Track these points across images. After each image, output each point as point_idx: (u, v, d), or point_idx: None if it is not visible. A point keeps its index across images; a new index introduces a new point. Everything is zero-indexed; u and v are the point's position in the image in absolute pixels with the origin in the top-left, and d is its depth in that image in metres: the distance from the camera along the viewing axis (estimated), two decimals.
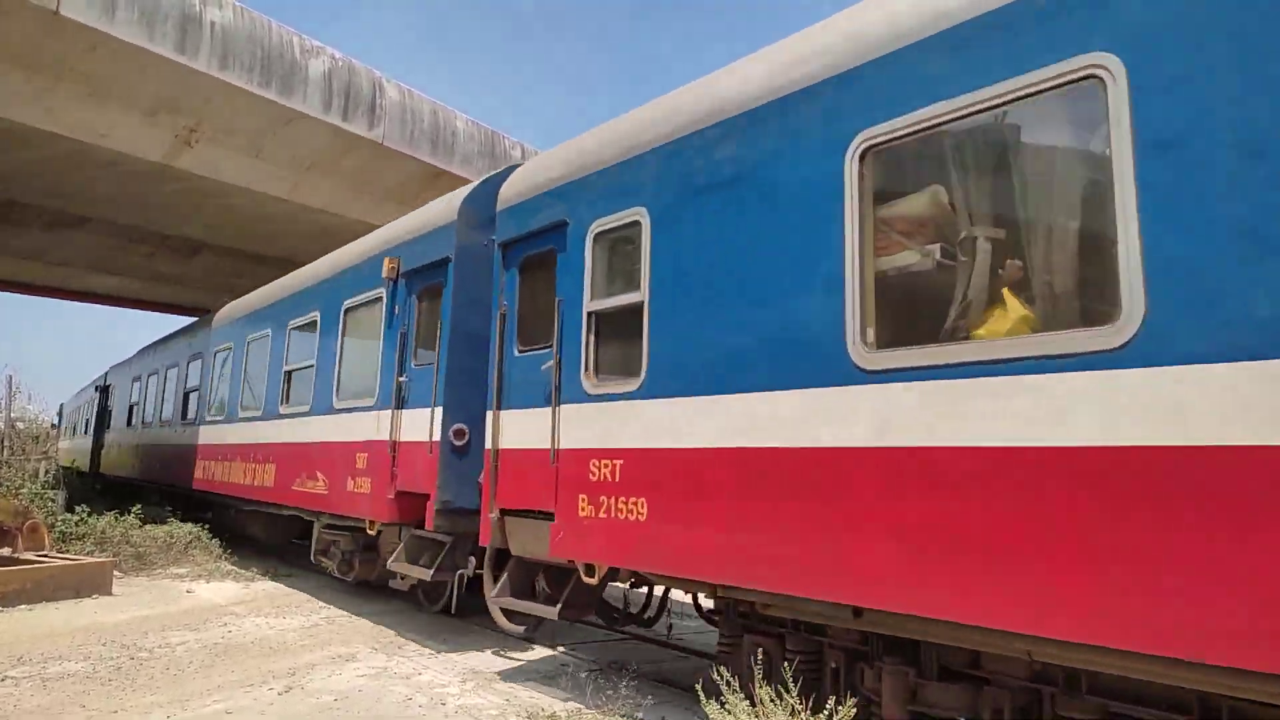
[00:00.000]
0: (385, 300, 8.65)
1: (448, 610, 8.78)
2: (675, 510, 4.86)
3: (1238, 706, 3.20)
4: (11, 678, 6.12)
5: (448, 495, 7.43)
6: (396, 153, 14.90)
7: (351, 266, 9.72)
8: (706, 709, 4.28)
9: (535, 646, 7.67)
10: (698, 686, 4.62)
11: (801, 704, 4.09)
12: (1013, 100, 3.54)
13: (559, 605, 6.09)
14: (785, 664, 4.54)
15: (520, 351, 6.57)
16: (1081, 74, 3.31)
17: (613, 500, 5.29)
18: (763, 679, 4.28)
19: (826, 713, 3.87)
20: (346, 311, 9.57)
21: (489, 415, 6.71)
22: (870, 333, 3.96)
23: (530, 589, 6.57)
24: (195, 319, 18.25)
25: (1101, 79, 3.24)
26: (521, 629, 6.73)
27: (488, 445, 6.68)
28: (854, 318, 3.99)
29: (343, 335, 9.59)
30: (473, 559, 7.36)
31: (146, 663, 6.67)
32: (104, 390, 24.21)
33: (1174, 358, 2.95)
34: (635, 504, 5.12)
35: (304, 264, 12.39)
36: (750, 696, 4.30)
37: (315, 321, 10.35)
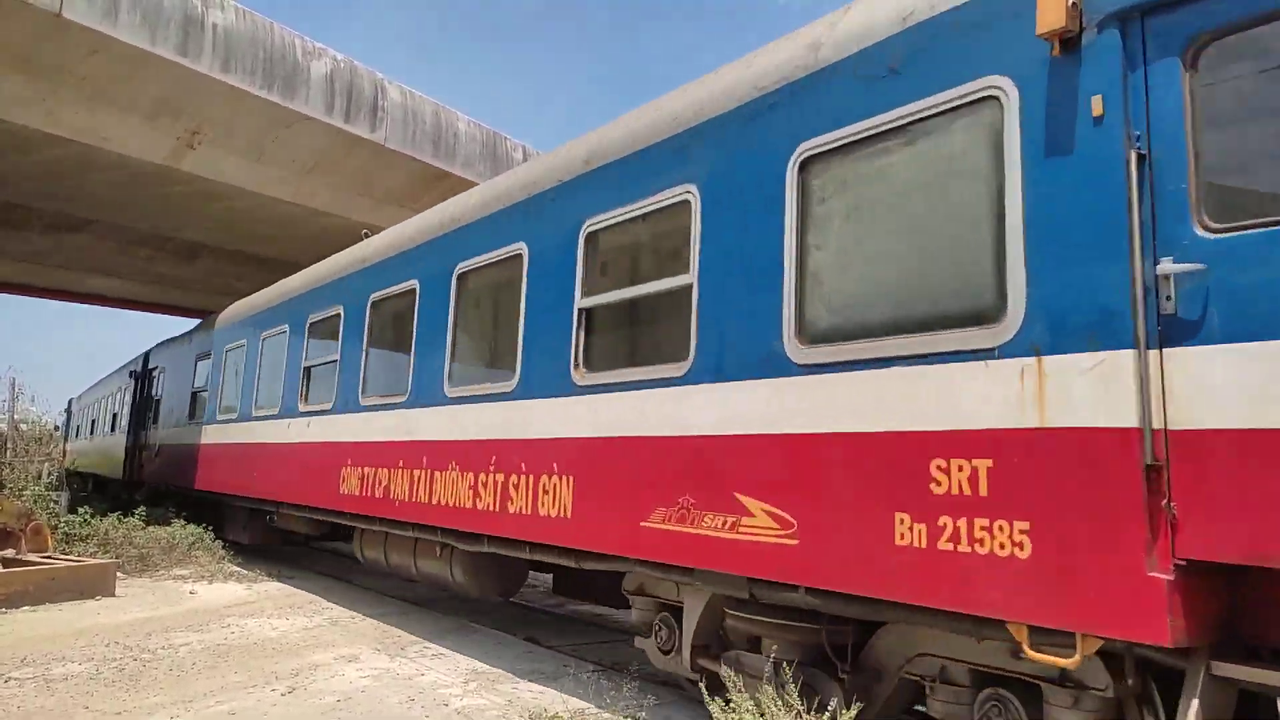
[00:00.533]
0: None
1: None
2: None
3: None
4: (15, 679, 6.13)
5: None
6: (398, 154, 14.92)
7: None
8: (711, 708, 4.29)
9: (538, 647, 7.67)
10: (701, 685, 4.62)
11: (805, 704, 4.09)
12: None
13: None
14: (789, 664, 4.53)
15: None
16: None
17: None
18: (768, 679, 4.28)
19: (829, 713, 3.88)
20: None
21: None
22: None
23: None
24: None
25: None
26: None
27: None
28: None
29: None
30: None
31: (150, 664, 6.67)
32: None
33: None
34: None
35: (306, 266, 12.34)
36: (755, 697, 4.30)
37: None
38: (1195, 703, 2.96)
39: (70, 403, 34.11)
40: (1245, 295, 2.87)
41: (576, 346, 5.76)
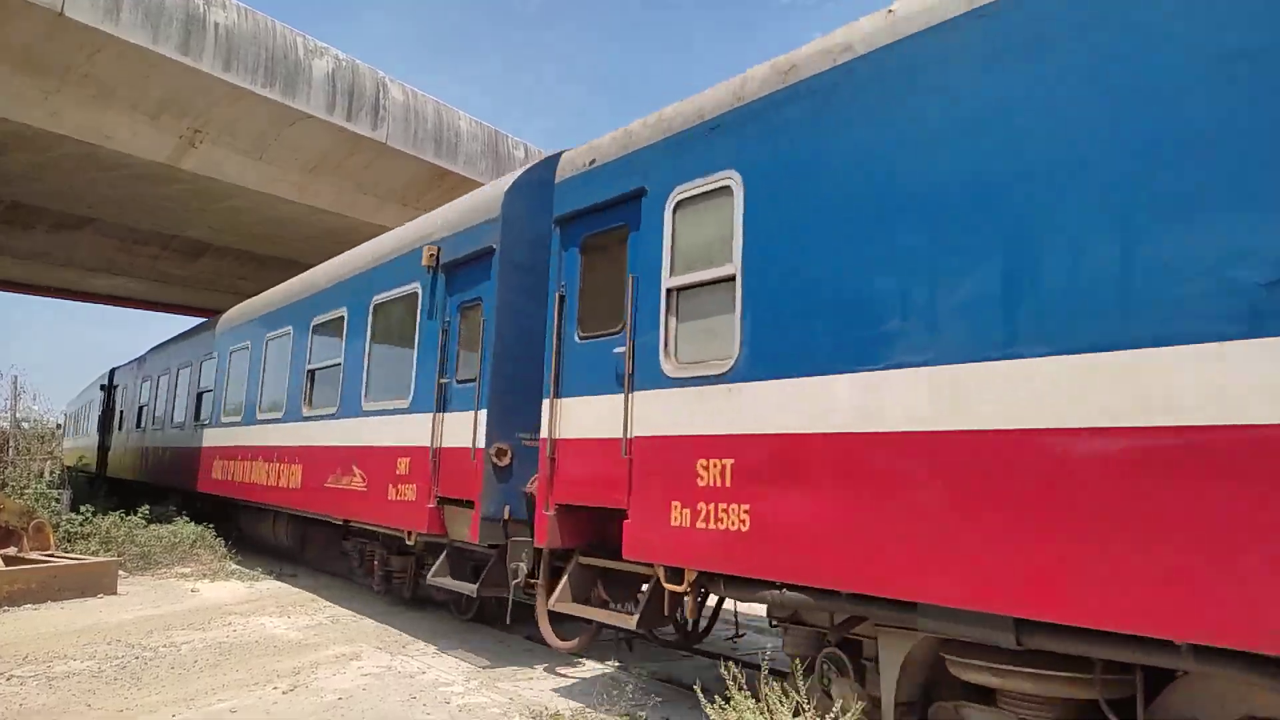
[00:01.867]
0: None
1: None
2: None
3: None
4: (17, 677, 6.14)
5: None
6: (400, 153, 14.91)
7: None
8: (707, 710, 4.28)
9: (539, 646, 7.67)
10: (696, 687, 4.61)
11: (808, 702, 4.08)
12: None
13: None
14: (794, 662, 4.51)
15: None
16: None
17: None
18: (766, 678, 4.27)
19: (833, 714, 3.87)
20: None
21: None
22: None
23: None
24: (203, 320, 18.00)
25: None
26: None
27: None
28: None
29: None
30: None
31: (152, 662, 6.68)
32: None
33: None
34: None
35: (310, 266, 12.39)
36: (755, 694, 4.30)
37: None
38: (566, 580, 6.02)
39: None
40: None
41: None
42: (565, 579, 6.01)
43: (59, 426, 34.40)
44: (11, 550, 10.40)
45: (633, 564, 5.40)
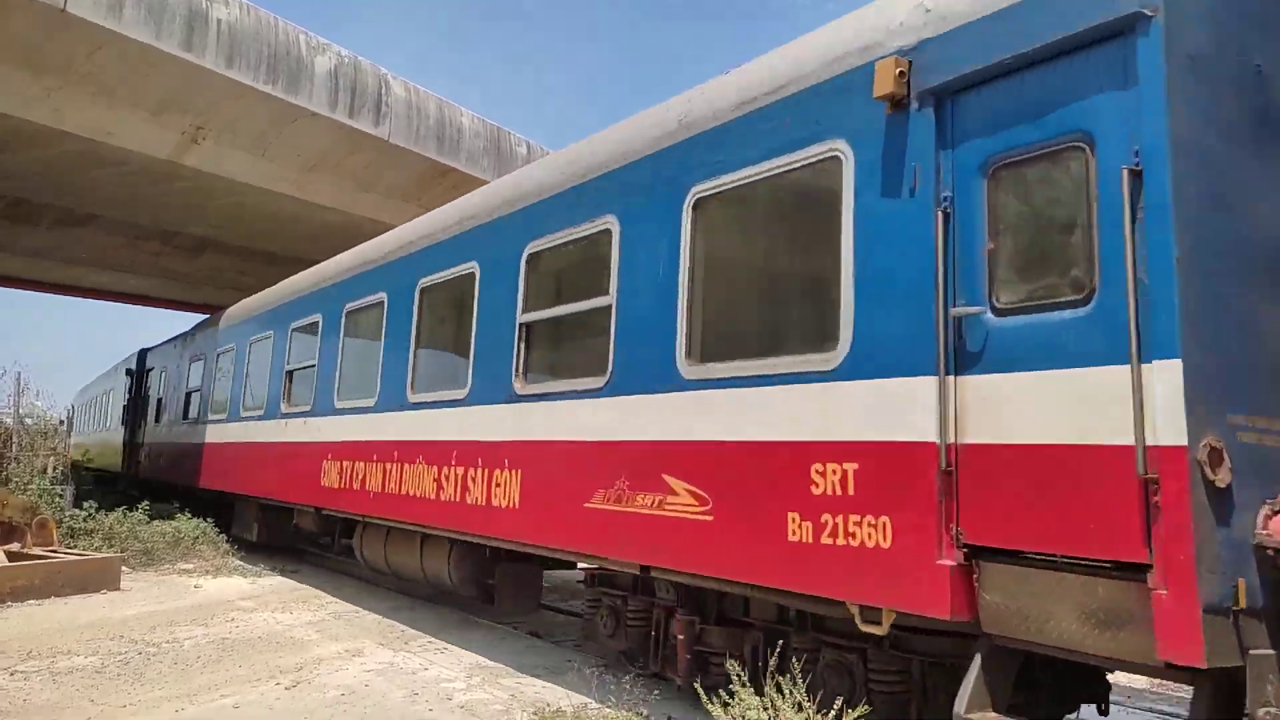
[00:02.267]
0: None
1: None
2: None
3: None
4: (21, 672, 6.16)
5: None
6: (403, 149, 14.91)
7: None
8: (709, 708, 4.28)
9: (541, 643, 7.68)
10: (696, 684, 4.62)
11: (810, 700, 4.08)
12: None
13: None
14: (795, 662, 4.47)
15: None
16: None
17: None
18: (771, 674, 4.27)
19: (834, 711, 3.87)
20: None
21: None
22: None
23: None
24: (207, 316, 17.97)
25: None
26: None
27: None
28: None
29: None
30: None
31: (154, 658, 6.70)
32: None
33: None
34: None
35: (312, 263, 12.36)
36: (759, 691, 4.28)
37: None
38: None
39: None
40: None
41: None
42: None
43: (62, 422, 34.45)
44: (15, 546, 10.42)
45: None
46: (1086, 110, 3.47)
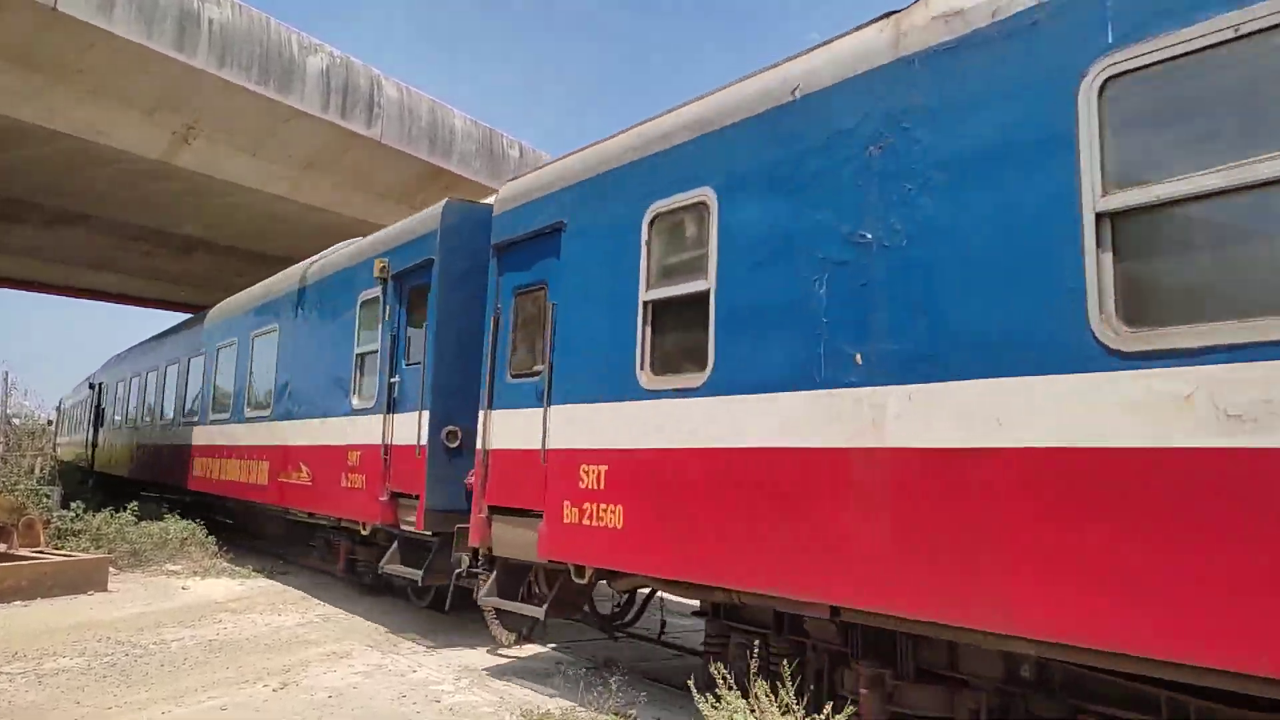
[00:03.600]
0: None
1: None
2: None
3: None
4: (6, 674, 6.13)
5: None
6: (395, 151, 14.90)
7: None
8: (700, 706, 4.29)
9: (529, 644, 7.68)
10: (690, 682, 4.63)
11: (796, 702, 4.09)
12: None
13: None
14: (784, 661, 4.53)
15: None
16: None
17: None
18: (756, 675, 4.28)
19: (826, 712, 3.88)
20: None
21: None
22: None
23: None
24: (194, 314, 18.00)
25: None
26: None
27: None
28: None
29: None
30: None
31: (142, 659, 6.67)
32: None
33: None
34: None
35: (304, 261, 12.36)
36: (745, 692, 4.30)
37: None
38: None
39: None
40: None
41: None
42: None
43: (50, 422, 34.27)
44: (2, 547, 10.37)
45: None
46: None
